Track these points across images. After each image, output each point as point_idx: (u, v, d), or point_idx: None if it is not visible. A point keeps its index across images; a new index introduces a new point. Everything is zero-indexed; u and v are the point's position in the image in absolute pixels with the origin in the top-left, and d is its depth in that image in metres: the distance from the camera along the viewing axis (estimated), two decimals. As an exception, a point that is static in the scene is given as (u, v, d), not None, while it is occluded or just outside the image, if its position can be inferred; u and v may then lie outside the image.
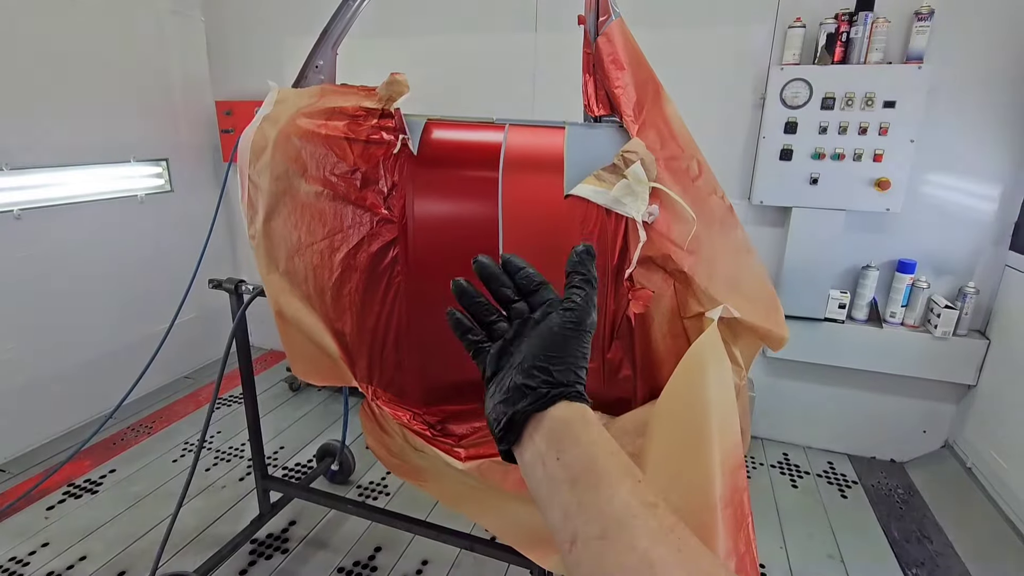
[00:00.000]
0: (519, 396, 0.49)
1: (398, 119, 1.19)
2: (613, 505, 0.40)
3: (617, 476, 0.42)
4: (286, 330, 1.41)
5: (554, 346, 0.50)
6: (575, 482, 0.43)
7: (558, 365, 0.49)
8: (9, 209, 2.51)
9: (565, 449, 0.45)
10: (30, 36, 2.52)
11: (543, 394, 0.48)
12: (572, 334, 0.51)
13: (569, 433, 0.46)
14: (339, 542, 2.16)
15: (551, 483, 0.44)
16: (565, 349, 0.50)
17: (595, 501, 0.41)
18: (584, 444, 0.45)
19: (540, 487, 0.45)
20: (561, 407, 0.48)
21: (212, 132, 3.45)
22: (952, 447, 2.61)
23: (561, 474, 0.44)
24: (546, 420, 0.48)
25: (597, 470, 0.43)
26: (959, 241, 2.44)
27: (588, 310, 0.52)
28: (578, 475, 0.43)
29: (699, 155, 1.09)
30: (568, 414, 0.48)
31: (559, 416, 0.47)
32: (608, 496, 0.41)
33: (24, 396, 2.64)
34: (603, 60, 1.08)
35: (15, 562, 2.02)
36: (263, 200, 1.31)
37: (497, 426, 0.50)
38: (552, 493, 0.44)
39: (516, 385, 0.49)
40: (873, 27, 2.24)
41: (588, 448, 0.45)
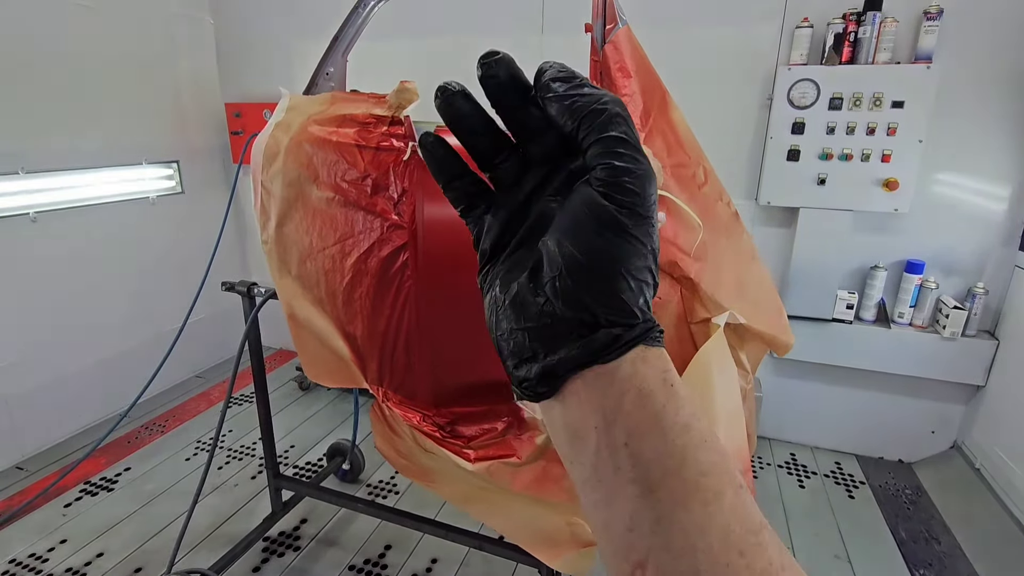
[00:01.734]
0: (564, 333, 0.31)
1: (408, 126, 1.21)
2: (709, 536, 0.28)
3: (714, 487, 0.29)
4: (299, 333, 1.44)
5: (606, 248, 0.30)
6: (653, 488, 0.29)
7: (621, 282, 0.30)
8: (25, 212, 2.55)
9: (640, 434, 0.30)
10: (43, 41, 2.56)
11: (609, 341, 0.31)
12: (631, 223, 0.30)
13: (647, 410, 0.30)
14: (349, 540, 2.19)
15: (610, 476, 0.30)
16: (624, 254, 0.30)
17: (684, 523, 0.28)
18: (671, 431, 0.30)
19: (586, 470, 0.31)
20: (633, 361, 0.31)
21: (222, 134, 3.48)
22: (961, 448, 2.61)
23: (630, 470, 0.30)
24: (612, 384, 0.31)
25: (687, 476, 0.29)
26: (968, 241, 2.43)
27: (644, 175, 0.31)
28: (659, 479, 0.29)
29: (705, 162, 1.10)
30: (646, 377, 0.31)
31: (632, 379, 0.31)
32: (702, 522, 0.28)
33: (40, 395, 2.69)
34: (610, 68, 1.09)
35: (35, 559, 2.07)
36: (275, 206, 1.34)
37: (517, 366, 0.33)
38: (611, 489, 0.30)
39: (558, 315, 0.31)
40: (881, 27, 2.23)
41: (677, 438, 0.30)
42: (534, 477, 1.27)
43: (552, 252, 0.32)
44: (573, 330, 0.31)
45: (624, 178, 0.30)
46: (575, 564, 1.33)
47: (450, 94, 0.34)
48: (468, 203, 0.38)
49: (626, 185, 0.30)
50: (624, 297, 0.30)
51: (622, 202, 0.30)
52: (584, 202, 0.31)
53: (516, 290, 0.33)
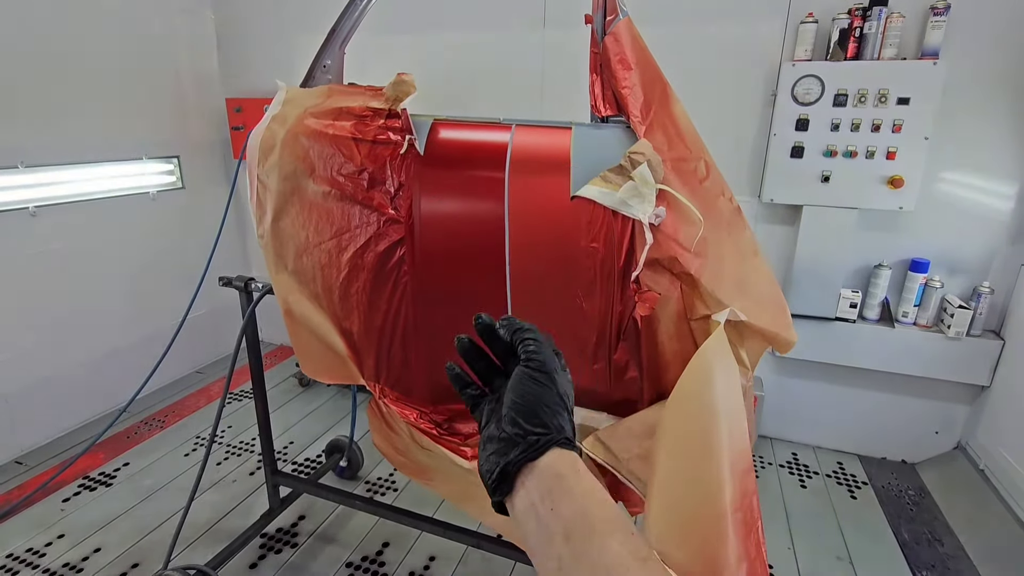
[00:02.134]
0: (510, 446, 0.50)
1: (405, 119, 1.20)
2: (606, 558, 0.42)
3: (610, 528, 0.44)
4: (295, 329, 1.43)
5: (528, 393, 0.51)
6: (569, 534, 0.44)
7: (540, 410, 0.51)
8: (25, 206, 2.55)
9: (558, 500, 0.46)
10: (44, 36, 2.55)
11: (533, 442, 0.49)
12: (540, 378, 0.52)
13: (562, 484, 0.47)
14: (347, 537, 2.18)
15: (545, 534, 0.45)
16: (540, 395, 0.51)
17: (588, 553, 0.42)
18: (577, 496, 0.46)
19: (533, 537, 0.46)
20: (552, 456, 0.49)
21: (223, 129, 3.47)
22: (965, 448, 2.58)
23: (555, 525, 0.45)
24: (538, 470, 0.48)
25: (590, 521, 0.44)
26: (974, 240, 2.40)
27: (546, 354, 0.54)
28: (572, 527, 0.44)
29: (707, 156, 1.08)
30: (560, 464, 0.48)
31: (551, 466, 0.48)
32: (600, 548, 0.42)
33: (40, 390, 2.69)
34: (610, 60, 1.07)
35: (32, 553, 2.07)
36: (272, 200, 1.32)
37: (489, 478, 0.51)
38: (546, 544, 0.45)
39: (507, 436, 0.50)
40: (887, 22, 2.20)
41: (581, 500, 0.46)
42: (531, 475, 1.25)
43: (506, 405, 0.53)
44: (515, 442, 0.50)
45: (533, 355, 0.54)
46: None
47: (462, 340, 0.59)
48: (473, 403, 0.59)
49: (534, 358, 0.53)
50: (543, 418, 0.51)
51: (534, 367, 0.53)
52: (517, 373, 0.54)
53: (488, 433, 0.54)
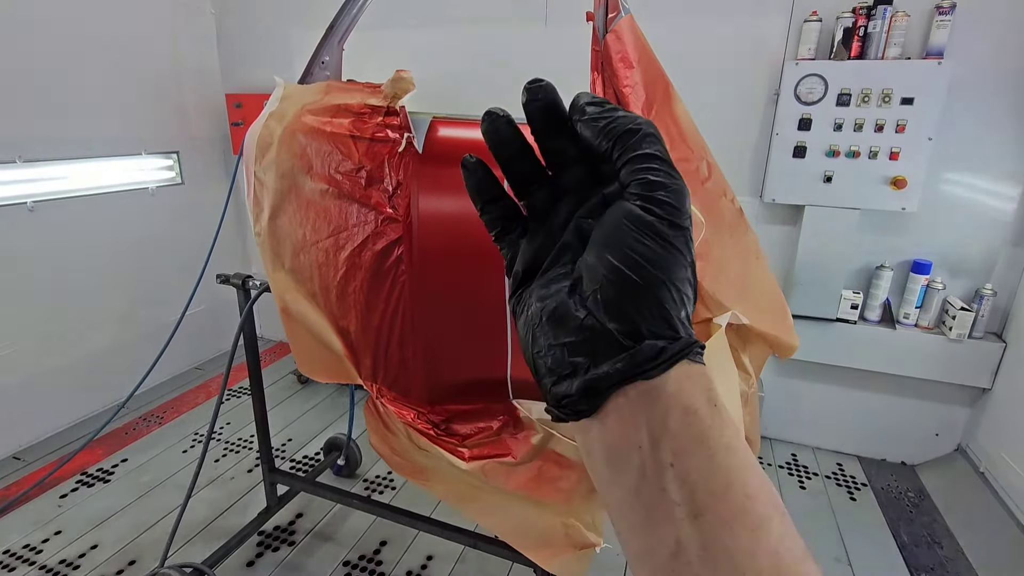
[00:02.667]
0: (606, 347, 0.31)
1: (403, 117, 1.18)
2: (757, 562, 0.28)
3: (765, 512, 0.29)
4: (292, 327, 1.42)
5: (647, 257, 0.30)
6: (700, 512, 0.28)
7: (664, 294, 0.30)
8: (23, 201, 2.53)
9: (685, 455, 0.29)
10: (42, 30, 2.54)
11: (654, 353, 0.30)
12: (671, 233, 0.30)
13: (693, 429, 0.30)
14: (345, 536, 2.18)
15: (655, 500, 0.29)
16: (667, 264, 0.30)
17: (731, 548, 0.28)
18: (717, 451, 0.29)
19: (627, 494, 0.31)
20: (679, 376, 0.30)
21: (222, 125, 3.46)
22: (965, 451, 2.57)
23: (677, 492, 0.29)
24: (657, 400, 0.30)
25: (735, 499, 0.29)
26: (976, 241, 2.39)
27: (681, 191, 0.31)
28: (705, 502, 0.29)
29: (709, 156, 1.07)
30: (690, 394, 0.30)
31: (678, 396, 0.30)
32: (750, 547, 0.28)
33: (38, 385, 2.68)
34: (612, 58, 1.05)
35: (29, 549, 2.06)
36: (268, 197, 1.31)
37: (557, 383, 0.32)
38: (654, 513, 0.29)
39: (600, 328, 0.31)
40: (892, 21, 2.18)
41: (722, 459, 0.29)
42: (529, 477, 1.24)
43: (592, 265, 0.32)
44: (616, 343, 0.30)
45: (660, 192, 0.31)
46: (571, 567, 1.31)
47: (497, 119, 0.36)
48: (503, 227, 0.38)
49: (663, 198, 0.30)
50: (668, 308, 0.30)
51: (660, 213, 0.30)
52: (623, 215, 0.31)
53: (555, 306, 0.33)
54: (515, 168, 0.37)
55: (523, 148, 0.37)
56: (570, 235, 0.35)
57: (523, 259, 0.37)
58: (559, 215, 0.36)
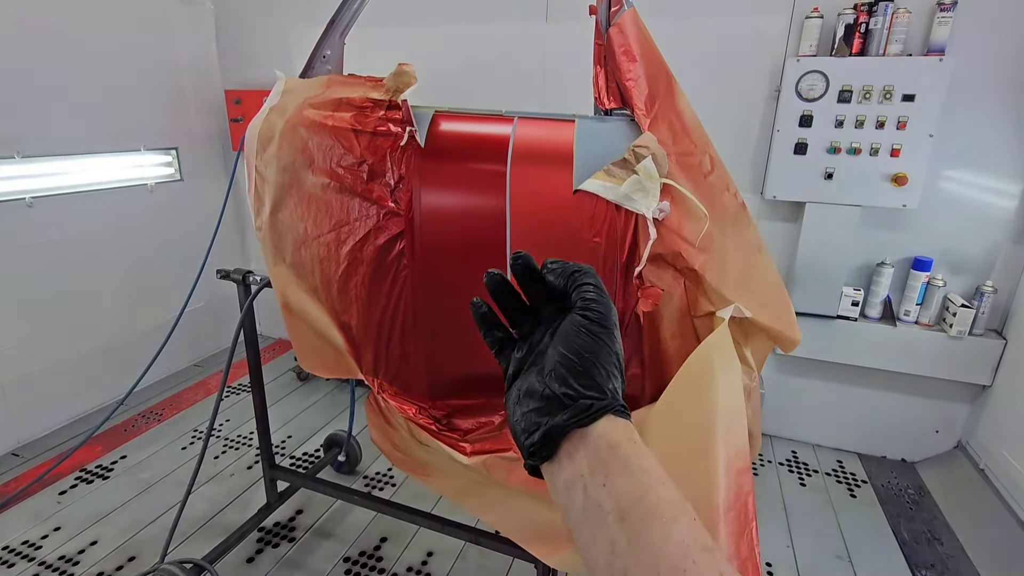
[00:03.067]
0: (556, 407, 0.44)
1: (405, 111, 1.18)
2: (668, 546, 0.37)
3: (673, 512, 0.39)
4: (293, 322, 1.41)
5: (583, 348, 0.45)
6: (624, 516, 0.39)
7: (594, 370, 0.44)
8: (21, 197, 2.52)
9: (612, 476, 0.40)
10: (41, 26, 2.53)
11: (586, 407, 0.43)
12: (598, 331, 0.45)
13: (617, 456, 0.41)
14: (345, 532, 2.17)
15: (595, 512, 0.40)
16: (596, 351, 0.45)
17: (648, 539, 0.38)
18: (635, 472, 0.41)
19: (578, 513, 0.41)
20: (606, 424, 0.43)
21: (221, 121, 3.45)
22: (965, 448, 2.58)
23: (608, 504, 0.39)
24: (590, 439, 0.42)
25: (650, 503, 0.39)
26: (977, 239, 2.39)
27: (607, 304, 0.47)
28: (628, 508, 0.39)
29: (712, 150, 1.06)
30: (615, 435, 0.42)
31: (604, 436, 0.42)
32: (663, 535, 0.37)
33: (37, 382, 2.68)
34: (615, 52, 1.05)
35: (28, 545, 2.06)
36: (270, 192, 1.30)
37: (527, 438, 0.45)
38: (595, 523, 0.40)
39: (552, 394, 0.44)
40: (893, 18, 2.18)
41: (639, 477, 0.40)
42: (531, 472, 1.24)
43: (551, 355, 0.46)
44: (563, 403, 0.44)
45: (593, 304, 0.46)
46: (571, 561, 1.31)
47: (494, 276, 0.51)
48: (500, 346, 0.52)
49: (594, 308, 0.46)
50: (597, 380, 0.44)
51: (592, 318, 0.46)
52: (571, 322, 0.47)
53: (527, 386, 0.47)
54: (509, 305, 0.52)
55: (513, 293, 0.51)
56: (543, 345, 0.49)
57: (513, 367, 0.51)
58: (538, 335, 0.51)
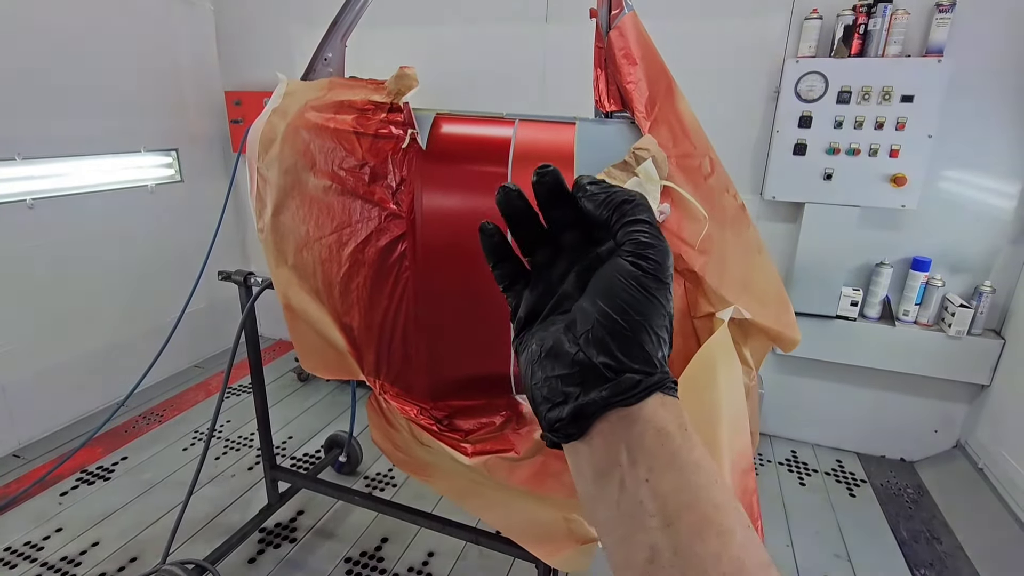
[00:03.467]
0: (594, 378, 0.36)
1: (407, 113, 1.18)
2: (722, 564, 0.31)
3: (729, 522, 0.33)
4: (294, 323, 1.42)
5: (634, 305, 0.35)
6: (671, 521, 0.33)
7: (645, 334, 0.35)
8: (22, 199, 2.53)
9: (659, 470, 0.34)
10: (41, 27, 2.53)
11: (632, 383, 0.35)
12: (655, 287, 0.36)
13: (666, 447, 0.34)
14: (346, 532, 2.18)
15: (633, 510, 0.34)
16: (649, 311, 0.36)
17: (700, 553, 0.32)
18: (686, 469, 0.34)
19: (611, 508, 0.35)
20: (654, 404, 0.35)
21: (222, 122, 3.45)
22: (964, 447, 2.58)
23: (651, 504, 0.33)
24: (634, 422, 0.35)
25: (702, 510, 0.33)
26: (976, 239, 2.40)
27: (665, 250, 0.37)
28: (676, 512, 0.33)
29: (712, 152, 1.07)
30: (664, 419, 0.35)
31: (652, 421, 0.35)
32: (717, 549, 0.32)
33: (37, 383, 2.68)
34: (615, 55, 1.06)
35: (30, 547, 2.06)
36: (272, 194, 1.31)
37: (551, 409, 0.37)
38: (632, 524, 0.34)
39: (589, 362, 0.36)
40: (892, 19, 2.19)
41: (691, 476, 0.34)
42: (532, 472, 1.25)
43: (586, 309, 0.37)
44: (601, 375, 0.35)
45: (649, 251, 0.36)
46: (573, 561, 1.31)
47: (509, 191, 0.42)
48: (510, 280, 0.45)
49: (650, 256, 0.36)
50: (647, 348, 0.35)
51: (647, 268, 0.36)
52: (615, 269, 0.37)
53: (552, 344, 0.38)
54: (522, 230, 0.43)
55: (531, 215, 0.43)
56: (568, 286, 0.41)
57: (526, 306, 0.43)
58: (558, 269, 0.42)
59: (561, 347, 0.37)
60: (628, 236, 0.37)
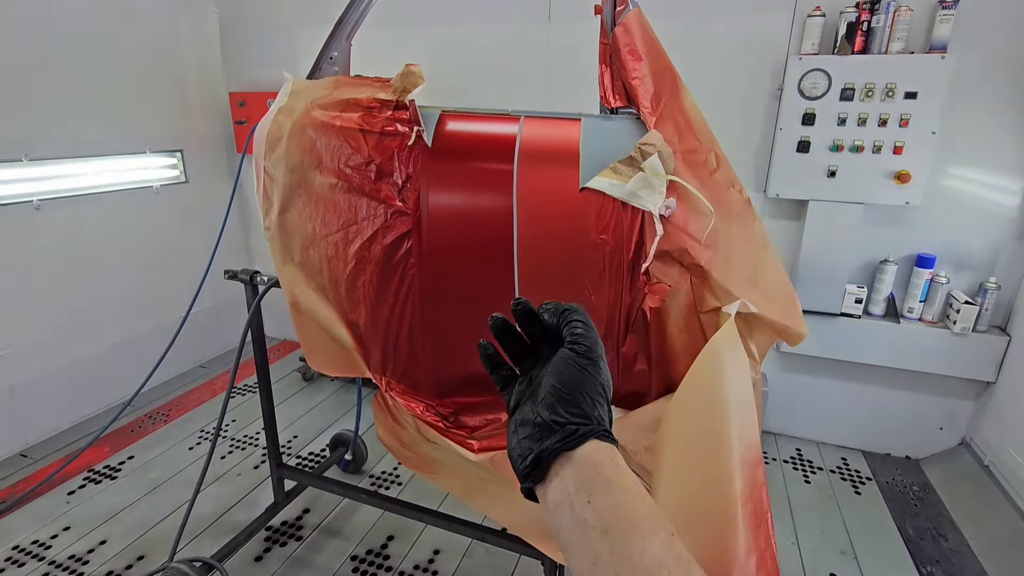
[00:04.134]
0: (547, 433, 0.48)
1: (413, 111, 1.19)
2: (645, 558, 0.41)
3: (650, 527, 0.43)
4: (301, 321, 1.43)
5: (571, 379, 0.50)
6: (607, 530, 0.43)
7: (580, 399, 0.49)
8: (29, 199, 2.54)
9: (596, 494, 0.45)
10: (48, 30, 2.54)
11: (572, 431, 0.47)
12: (584, 363, 0.50)
13: (600, 476, 0.45)
14: (352, 530, 2.19)
15: (580, 528, 0.44)
16: (582, 382, 0.50)
17: (628, 552, 0.41)
18: (617, 491, 0.45)
19: (567, 530, 0.45)
20: (591, 447, 0.47)
21: (226, 123, 3.47)
22: (969, 444, 2.58)
23: (592, 519, 0.43)
24: (576, 461, 0.47)
25: (631, 519, 0.43)
26: (980, 235, 2.39)
27: (593, 339, 0.52)
28: (610, 523, 0.43)
29: (717, 148, 1.08)
30: (599, 456, 0.47)
31: (589, 457, 0.47)
32: (641, 548, 0.41)
33: (44, 383, 2.69)
34: (620, 50, 1.06)
35: (38, 545, 2.07)
36: (278, 192, 1.32)
37: (522, 463, 0.49)
38: (581, 538, 0.44)
39: (543, 421, 0.49)
40: (895, 16, 2.18)
41: (621, 495, 0.45)
42: (538, 468, 1.25)
43: (544, 388, 0.51)
44: (551, 429, 0.48)
45: (580, 339, 0.51)
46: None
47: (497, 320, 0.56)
48: (504, 382, 0.58)
49: (581, 341, 0.51)
50: (583, 407, 0.49)
51: (579, 351, 0.51)
52: (560, 355, 0.52)
53: (522, 415, 0.52)
54: (510, 344, 0.57)
55: (514, 334, 0.57)
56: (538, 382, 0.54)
57: (514, 399, 0.56)
58: (537, 370, 0.56)
59: (527, 416, 0.51)
60: (568, 331, 0.52)
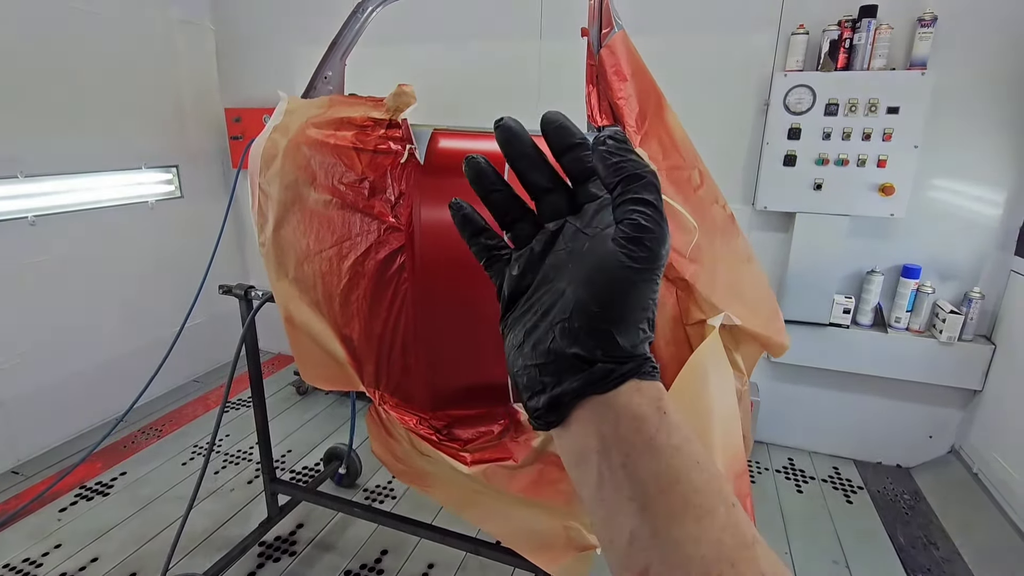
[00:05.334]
0: (568, 369, 0.35)
1: (405, 129, 1.22)
2: (702, 548, 0.30)
3: (708, 503, 0.32)
4: (295, 336, 1.44)
5: (614, 292, 0.34)
6: (647, 505, 0.32)
7: (621, 326, 0.34)
8: (24, 215, 2.55)
9: (635, 456, 0.33)
10: (43, 45, 2.57)
11: (604, 373, 0.34)
12: (639, 276, 0.33)
13: (642, 432, 0.33)
14: (346, 545, 2.18)
15: (611, 494, 0.33)
16: (629, 299, 0.34)
17: (677, 537, 0.31)
18: (663, 453, 0.33)
19: (591, 490, 0.35)
20: (629, 391, 0.34)
21: (221, 139, 3.50)
22: (958, 452, 2.61)
23: (628, 488, 0.33)
24: (609, 409, 0.34)
25: (681, 492, 0.32)
26: (964, 246, 2.44)
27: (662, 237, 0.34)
28: (653, 496, 0.32)
29: (701, 165, 1.11)
30: (640, 406, 0.34)
31: (627, 408, 0.34)
32: (695, 533, 0.31)
33: (36, 399, 2.68)
34: (606, 71, 1.10)
35: (29, 563, 2.06)
36: (273, 208, 1.34)
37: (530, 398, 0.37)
38: (612, 507, 0.33)
39: (562, 352, 0.35)
40: (876, 33, 2.25)
41: (669, 459, 0.33)
42: (530, 480, 1.26)
43: (566, 297, 0.36)
44: (575, 365, 0.35)
45: (645, 235, 0.33)
46: (572, 569, 1.33)
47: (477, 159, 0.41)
48: (489, 256, 0.42)
49: (645, 243, 0.33)
50: (620, 340, 0.34)
51: (638, 258, 0.33)
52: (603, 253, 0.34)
53: (530, 325, 0.38)
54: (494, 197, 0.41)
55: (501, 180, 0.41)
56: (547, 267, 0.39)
57: (508, 285, 0.41)
58: (538, 244, 0.40)
59: (539, 335, 0.37)
60: (627, 215, 0.34)
